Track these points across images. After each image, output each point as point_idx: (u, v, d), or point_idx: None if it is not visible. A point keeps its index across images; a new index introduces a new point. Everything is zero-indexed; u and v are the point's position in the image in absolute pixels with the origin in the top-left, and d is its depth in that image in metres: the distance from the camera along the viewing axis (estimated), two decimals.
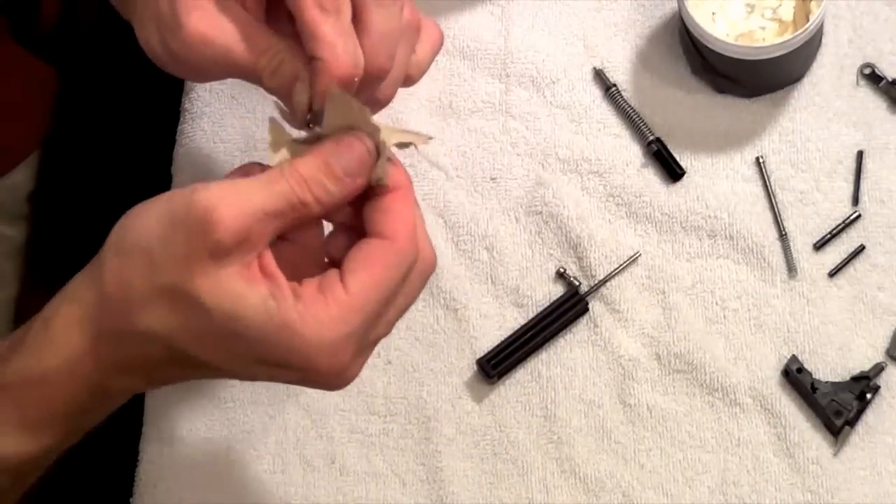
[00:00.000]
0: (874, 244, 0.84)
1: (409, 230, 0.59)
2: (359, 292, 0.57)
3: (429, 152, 0.59)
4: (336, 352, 0.57)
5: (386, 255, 0.58)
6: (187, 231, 0.56)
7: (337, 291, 0.57)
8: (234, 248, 0.56)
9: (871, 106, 0.86)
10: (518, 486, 0.83)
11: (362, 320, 0.58)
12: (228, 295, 0.56)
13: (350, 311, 0.57)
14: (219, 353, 0.58)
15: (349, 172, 0.58)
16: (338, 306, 0.57)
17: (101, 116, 1.08)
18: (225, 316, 0.56)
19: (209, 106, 0.93)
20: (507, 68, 0.91)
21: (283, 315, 0.56)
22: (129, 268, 0.57)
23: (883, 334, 0.82)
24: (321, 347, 0.57)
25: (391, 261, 0.58)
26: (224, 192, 0.56)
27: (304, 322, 0.56)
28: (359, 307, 0.57)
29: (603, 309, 0.85)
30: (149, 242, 0.57)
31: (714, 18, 0.85)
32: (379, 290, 0.58)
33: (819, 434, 0.81)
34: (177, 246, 0.56)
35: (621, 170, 0.88)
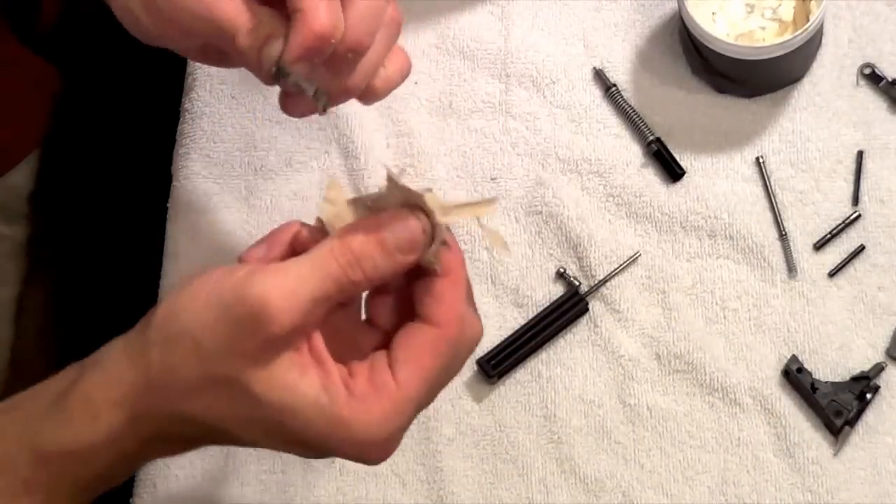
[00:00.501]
0: (874, 244, 0.84)
1: (459, 317, 0.58)
2: (409, 384, 0.57)
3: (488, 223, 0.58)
4: (387, 444, 0.58)
5: (436, 345, 0.58)
6: (239, 323, 0.55)
7: (388, 385, 0.57)
8: (286, 339, 0.55)
9: (871, 106, 0.86)
10: (518, 486, 0.83)
11: (413, 410, 0.58)
12: (280, 386, 0.55)
13: (402, 405, 0.57)
14: (266, 438, 0.58)
15: (402, 249, 0.57)
16: (390, 401, 0.56)
17: (101, 116, 1.08)
18: (277, 407, 0.55)
19: (209, 106, 0.93)
20: (507, 68, 0.91)
21: (336, 411, 0.56)
22: (176, 355, 0.56)
23: (883, 334, 0.82)
24: (374, 443, 0.57)
25: (441, 350, 0.58)
26: (276, 281, 0.55)
27: (356, 419, 0.56)
28: (409, 399, 0.57)
29: (603, 309, 0.85)
30: (198, 331, 0.56)
31: (714, 18, 0.85)
32: (430, 380, 0.58)
33: (819, 434, 0.81)
34: (228, 337, 0.55)
35: (621, 170, 0.88)
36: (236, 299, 0.55)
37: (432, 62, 0.92)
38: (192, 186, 0.91)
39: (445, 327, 0.58)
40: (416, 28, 0.93)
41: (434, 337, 0.58)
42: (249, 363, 0.55)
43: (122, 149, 1.10)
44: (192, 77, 0.94)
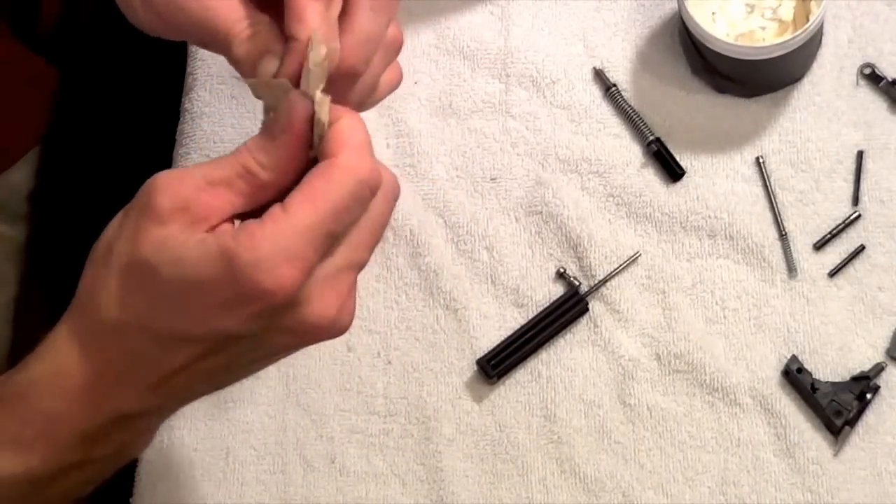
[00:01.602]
0: (874, 244, 0.84)
1: (355, 147, 0.57)
2: (297, 211, 0.55)
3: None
4: (277, 268, 0.55)
5: (328, 172, 0.56)
6: (136, 208, 0.57)
7: (275, 214, 0.56)
8: (177, 212, 0.56)
9: (871, 106, 0.86)
10: (518, 486, 0.83)
11: (305, 237, 0.55)
12: (169, 245, 0.56)
13: (287, 228, 0.55)
14: (182, 315, 0.57)
15: (283, 129, 0.57)
16: (273, 224, 0.55)
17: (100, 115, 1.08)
18: (168, 264, 0.55)
19: (209, 106, 0.93)
20: (507, 68, 0.91)
21: (219, 244, 0.55)
22: (93, 269, 0.58)
23: (883, 334, 0.82)
24: (259, 264, 0.54)
25: (334, 177, 0.56)
26: (172, 171, 0.57)
27: (238, 245, 0.54)
28: (298, 224, 0.55)
29: (603, 309, 0.85)
30: (110, 237, 0.58)
31: (714, 18, 0.85)
32: (320, 207, 0.56)
33: (819, 434, 0.81)
34: (128, 226, 0.57)
35: (621, 170, 0.88)
36: (138, 194, 0.57)
37: (432, 62, 0.92)
38: None
39: (337, 155, 0.57)
40: (416, 28, 0.93)
41: (326, 166, 0.57)
42: (143, 238, 0.56)
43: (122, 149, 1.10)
44: (192, 77, 0.94)
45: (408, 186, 0.89)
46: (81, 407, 0.60)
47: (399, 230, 0.88)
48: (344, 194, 0.56)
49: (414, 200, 0.89)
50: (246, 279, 0.55)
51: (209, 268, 0.55)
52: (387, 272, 0.88)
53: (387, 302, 0.87)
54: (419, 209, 0.89)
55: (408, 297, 0.87)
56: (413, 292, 0.87)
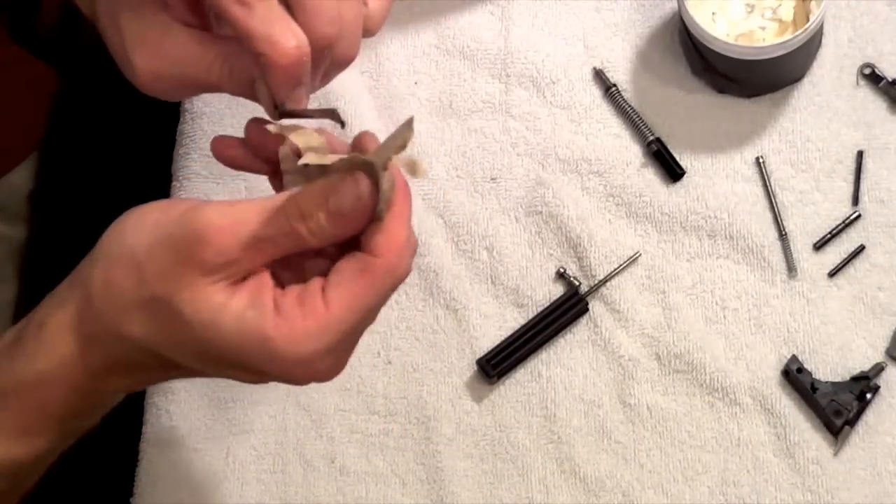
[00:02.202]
0: (874, 244, 0.84)
1: (400, 248, 0.58)
2: (339, 309, 0.57)
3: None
4: (310, 365, 0.57)
5: (373, 273, 0.58)
6: (178, 248, 0.56)
7: (317, 305, 0.57)
8: (222, 268, 0.56)
9: (871, 106, 0.86)
10: (518, 486, 0.83)
11: (339, 337, 0.57)
12: (208, 307, 0.56)
13: (327, 327, 0.57)
14: (197, 361, 0.59)
15: (344, 212, 0.57)
16: (315, 321, 0.57)
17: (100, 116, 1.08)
18: (202, 325, 0.56)
19: (209, 106, 0.93)
20: (507, 68, 0.91)
21: (260, 327, 0.56)
22: (117, 276, 0.58)
23: (883, 334, 0.82)
24: (296, 361, 0.57)
25: (377, 278, 0.58)
26: (220, 212, 0.56)
27: (279, 335, 0.56)
28: (337, 324, 0.57)
29: (603, 309, 0.85)
30: (138, 253, 0.57)
31: (714, 18, 0.85)
32: (360, 308, 0.58)
33: (819, 434, 0.81)
34: (166, 259, 0.56)
35: (621, 170, 0.88)
36: (180, 225, 0.56)
37: (432, 62, 0.92)
38: (192, 186, 0.91)
39: (384, 256, 0.58)
40: (416, 28, 0.93)
41: (372, 265, 0.57)
42: (182, 286, 0.56)
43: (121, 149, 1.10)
44: None
45: None
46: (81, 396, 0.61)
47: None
48: (382, 295, 0.58)
49: (414, 200, 0.89)
50: (279, 368, 0.57)
51: (242, 345, 0.57)
52: None
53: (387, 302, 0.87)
54: (419, 209, 0.89)
55: (408, 297, 0.87)
56: (413, 292, 0.87)
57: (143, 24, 0.63)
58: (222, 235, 0.56)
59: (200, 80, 0.63)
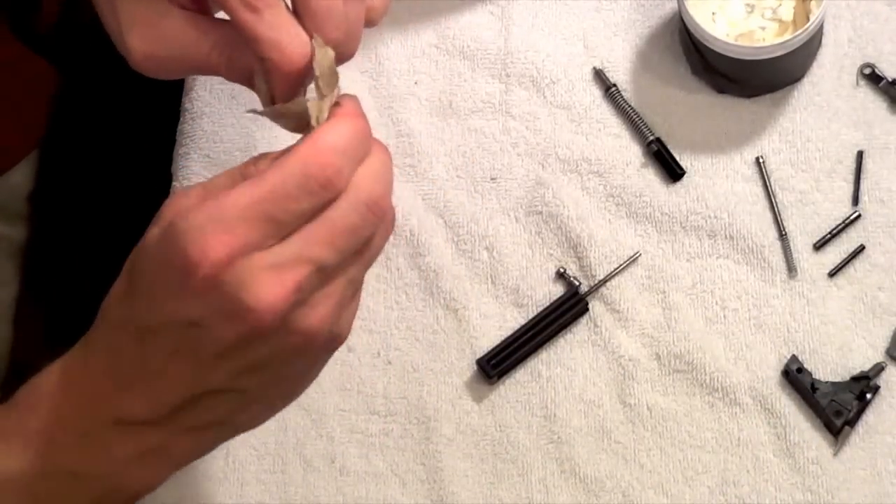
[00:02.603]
0: (874, 244, 0.84)
1: (317, 142, 0.56)
2: (238, 190, 0.55)
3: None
4: (205, 238, 0.54)
5: (280, 160, 0.56)
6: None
7: (220, 193, 0.56)
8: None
9: (871, 106, 0.86)
10: (518, 486, 0.83)
11: (240, 214, 0.54)
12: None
13: (225, 204, 0.54)
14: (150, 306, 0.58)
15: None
16: (213, 201, 0.55)
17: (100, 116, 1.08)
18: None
19: (209, 106, 0.93)
20: (507, 68, 0.91)
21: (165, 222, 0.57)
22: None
23: (883, 334, 0.82)
24: (189, 233, 0.54)
25: (284, 164, 0.55)
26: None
27: (176, 216, 0.56)
28: (235, 202, 0.54)
29: (603, 309, 0.85)
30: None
31: (714, 18, 0.85)
32: (262, 188, 0.55)
33: (819, 434, 0.81)
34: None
35: (621, 170, 0.88)
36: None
37: (432, 62, 0.92)
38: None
39: (298, 147, 0.57)
40: (416, 28, 0.93)
41: (282, 155, 0.57)
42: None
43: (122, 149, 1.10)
44: (192, 77, 0.94)
45: (408, 186, 0.89)
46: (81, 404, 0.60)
47: (399, 230, 0.88)
48: (287, 180, 0.55)
49: (414, 200, 0.89)
50: (178, 250, 0.54)
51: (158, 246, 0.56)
52: (387, 272, 0.88)
53: (387, 302, 0.87)
54: (419, 209, 0.89)
55: (408, 297, 0.87)
56: (413, 292, 0.87)
57: (140, 4, 0.62)
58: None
59: (197, 65, 0.62)
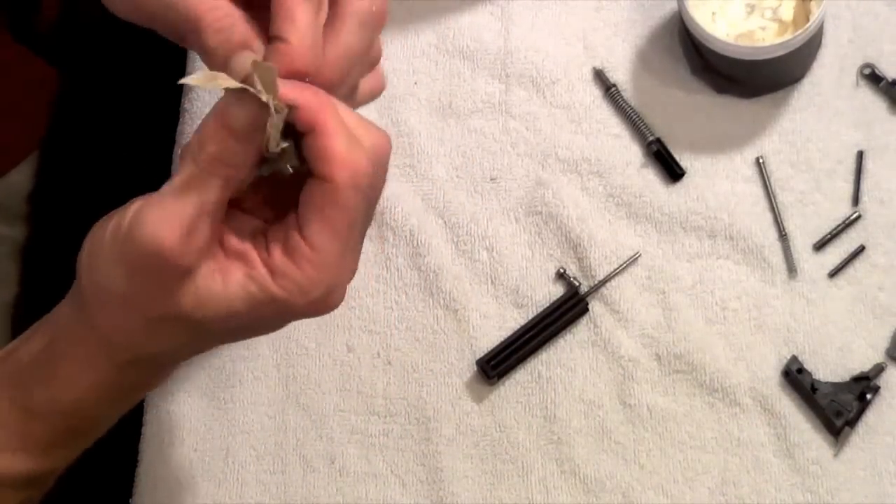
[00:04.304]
0: (874, 244, 0.84)
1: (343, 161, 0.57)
2: (324, 243, 0.58)
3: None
4: (326, 299, 0.59)
5: (334, 199, 0.57)
6: (147, 272, 0.57)
7: (304, 251, 0.58)
8: (196, 261, 0.57)
9: (871, 106, 0.86)
10: (518, 487, 0.83)
11: (339, 262, 0.59)
12: (212, 301, 0.58)
13: (323, 264, 0.58)
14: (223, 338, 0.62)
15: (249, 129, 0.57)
16: (311, 266, 0.58)
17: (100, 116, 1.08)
18: (218, 317, 0.58)
19: (209, 106, 0.93)
20: (507, 68, 0.91)
21: (268, 295, 0.58)
22: (115, 313, 0.59)
23: (883, 334, 0.82)
24: (311, 304, 0.59)
25: (341, 198, 0.57)
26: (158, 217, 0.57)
27: (287, 293, 0.58)
28: (329, 256, 0.58)
29: (603, 309, 0.85)
30: (118, 288, 0.58)
31: (714, 18, 0.85)
32: (343, 230, 0.58)
33: (819, 434, 0.81)
34: (145, 285, 0.58)
35: (621, 170, 0.88)
36: (135, 251, 0.57)
37: (432, 62, 0.92)
38: None
39: (337, 178, 0.57)
40: (416, 28, 0.93)
41: (330, 192, 0.57)
42: (175, 297, 0.58)
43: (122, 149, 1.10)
44: None
45: (408, 186, 0.89)
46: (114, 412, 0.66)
47: (399, 230, 0.88)
48: (358, 206, 0.58)
49: (414, 200, 0.89)
50: (302, 314, 0.60)
51: (262, 315, 0.59)
52: (387, 272, 0.88)
53: (387, 302, 0.87)
54: (419, 209, 0.89)
55: (408, 297, 0.87)
56: (413, 292, 0.87)
57: None
58: (176, 242, 0.56)
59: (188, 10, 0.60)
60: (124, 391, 0.64)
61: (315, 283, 0.58)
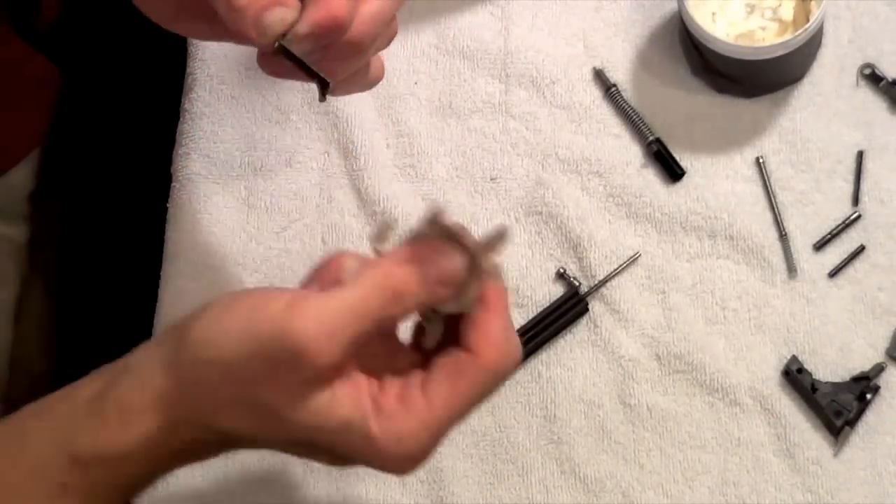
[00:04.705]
0: (874, 244, 0.84)
1: (498, 345, 0.58)
2: (440, 408, 0.57)
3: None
4: (414, 460, 0.58)
5: (473, 372, 0.58)
6: (276, 360, 0.55)
7: (419, 404, 0.57)
8: (324, 374, 0.55)
9: (871, 106, 0.86)
10: (518, 486, 0.83)
11: (442, 430, 0.58)
12: (313, 411, 0.56)
13: (429, 425, 0.57)
14: (295, 449, 0.59)
15: (443, 283, 0.57)
16: (418, 421, 0.57)
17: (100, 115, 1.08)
18: (309, 428, 0.56)
19: (209, 106, 0.93)
20: (507, 68, 0.91)
21: (365, 428, 0.56)
22: (211, 376, 0.56)
23: (883, 334, 0.82)
24: (400, 457, 0.57)
25: (477, 377, 0.58)
26: (315, 319, 0.54)
27: (383, 436, 0.56)
28: (438, 421, 0.57)
29: (603, 309, 0.85)
30: (232, 362, 0.55)
31: (714, 18, 0.85)
32: (461, 404, 0.58)
33: (819, 434, 0.81)
34: (265, 371, 0.55)
35: (621, 170, 0.88)
36: (274, 336, 0.54)
37: (432, 62, 0.92)
38: (192, 186, 0.91)
39: (484, 356, 0.58)
40: (416, 28, 0.93)
41: (471, 364, 0.58)
42: (286, 396, 0.55)
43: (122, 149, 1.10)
44: (192, 77, 0.94)
45: (408, 186, 0.89)
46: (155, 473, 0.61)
47: (399, 230, 0.88)
48: (484, 392, 0.59)
49: (414, 200, 0.89)
50: (382, 464, 0.58)
51: (350, 445, 0.57)
52: None
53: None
54: (419, 209, 0.89)
55: None
56: None
57: None
58: (324, 350, 0.54)
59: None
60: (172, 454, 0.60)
61: (413, 438, 0.57)
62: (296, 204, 0.90)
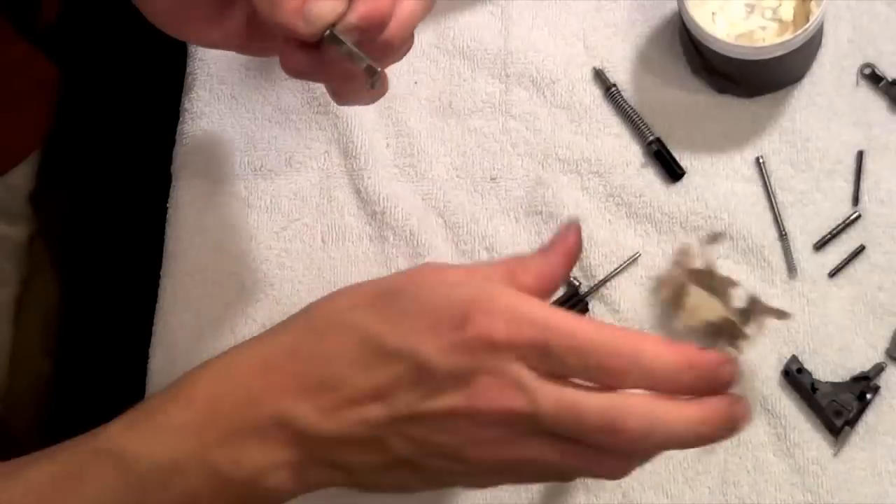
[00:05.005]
0: (874, 244, 0.84)
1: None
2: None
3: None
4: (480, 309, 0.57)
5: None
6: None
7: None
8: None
9: (871, 106, 0.86)
10: (518, 486, 0.82)
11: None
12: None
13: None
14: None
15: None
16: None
17: (100, 115, 1.08)
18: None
19: (209, 106, 0.93)
20: (507, 68, 0.91)
21: None
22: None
23: (883, 334, 0.82)
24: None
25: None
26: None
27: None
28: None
29: (603, 309, 0.85)
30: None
31: (714, 18, 0.85)
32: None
33: (819, 434, 0.81)
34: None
35: (621, 170, 0.88)
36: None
37: (432, 62, 0.92)
38: (192, 186, 0.91)
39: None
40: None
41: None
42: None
43: (122, 148, 1.10)
44: (192, 77, 0.94)
45: (408, 186, 0.89)
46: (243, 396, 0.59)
47: (399, 230, 0.88)
48: (623, 353, 0.59)
49: (414, 200, 0.89)
50: (467, 308, 0.58)
51: (450, 288, 0.59)
52: (387, 272, 0.88)
53: None
54: (419, 209, 0.89)
55: None
56: None
57: None
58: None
59: None
60: None
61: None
62: (296, 204, 0.90)
